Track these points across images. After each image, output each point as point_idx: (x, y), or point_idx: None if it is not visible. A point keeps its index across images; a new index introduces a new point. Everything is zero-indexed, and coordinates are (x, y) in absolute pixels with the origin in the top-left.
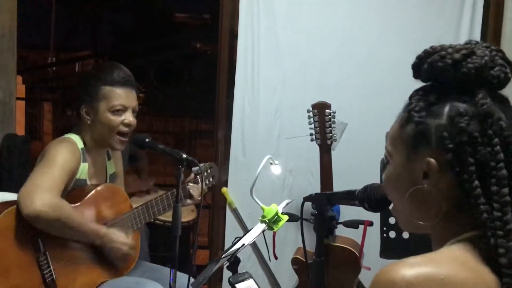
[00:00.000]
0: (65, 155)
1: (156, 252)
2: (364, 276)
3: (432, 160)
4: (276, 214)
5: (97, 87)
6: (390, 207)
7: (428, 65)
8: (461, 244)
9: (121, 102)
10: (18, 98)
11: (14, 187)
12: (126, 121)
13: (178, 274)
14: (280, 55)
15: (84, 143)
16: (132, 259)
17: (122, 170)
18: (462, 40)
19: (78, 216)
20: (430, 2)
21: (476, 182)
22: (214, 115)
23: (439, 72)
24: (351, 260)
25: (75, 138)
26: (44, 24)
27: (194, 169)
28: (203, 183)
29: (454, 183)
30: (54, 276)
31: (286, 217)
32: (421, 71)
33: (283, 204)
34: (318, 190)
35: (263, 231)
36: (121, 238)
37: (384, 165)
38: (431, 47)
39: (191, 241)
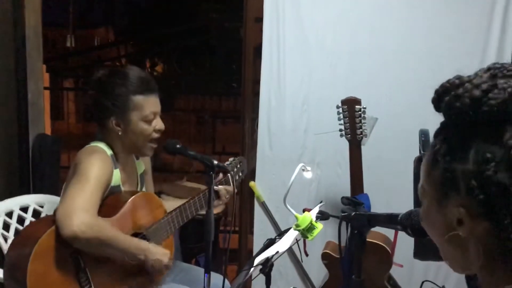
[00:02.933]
0: (97, 168)
1: (187, 243)
2: (396, 271)
3: (462, 209)
4: (310, 222)
5: (127, 97)
6: None
7: (446, 105)
8: None
9: (152, 110)
10: (44, 88)
11: (46, 188)
12: (157, 127)
13: (212, 275)
14: (306, 47)
15: (113, 150)
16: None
17: (150, 166)
18: (494, 32)
19: (117, 234)
20: None
21: None
22: (240, 103)
23: (457, 113)
24: (383, 256)
25: (103, 145)
26: (62, 1)
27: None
28: (233, 177)
29: (491, 232)
30: None
31: (320, 226)
32: (440, 109)
33: (316, 209)
34: (347, 182)
35: (297, 241)
36: (162, 250)
37: (418, 164)
38: (448, 82)
39: (221, 227)
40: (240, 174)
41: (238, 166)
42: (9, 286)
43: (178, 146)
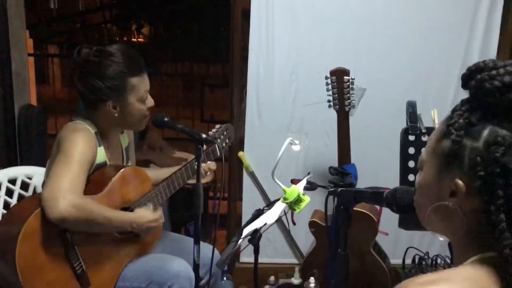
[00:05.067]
0: (81, 146)
1: (176, 212)
2: (382, 239)
3: (460, 182)
4: (298, 196)
5: (124, 80)
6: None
7: (477, 82)
8: (478, 264)
9: (146, 89)
10: (28, 54)
11: (34, 160)
12: (149, 105)
13: (202, 244)
14: (295, 16)
15: (99, 127)
16: (157, 233)
17: (133, 137)
18: (483, 2)
19: (103, 211)
20: None
21: (502, 216)
22: (229, 77)
23: (485, 93)
24: (369, 224)
25: (87, 124)
26: None
27: (209, 134)
28: (221, 146)
29: (480, 208)
30: (84, 267)
31: (308, 199)
32: (469, 85)
33: (303, 182)
34: (335, 153)
35: (285, 213)
36: (149, 217)
37: (405, 135)
38: (483, 62)
39: (210, 193)
40: (227, 141)
41: (225, 133)
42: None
43: (166, 119)
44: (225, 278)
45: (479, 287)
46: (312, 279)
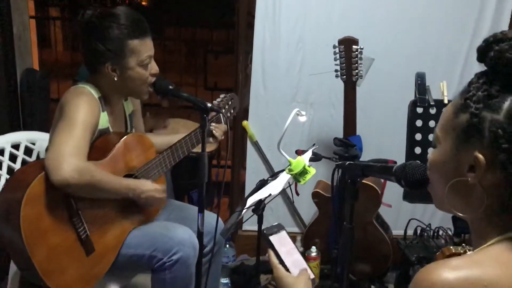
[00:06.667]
0: (84, 111)
1: (180, 180)
2: (384, 210)
3: (480, 156)
4: (304, 167)
5: (123, 42)
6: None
7: (496, 52)
8: (506, 244)
9: (148, 54)
10: (29, 17)
11: (37, 124)
12: (153, 71)
13: (206, 213)
14: None
15: (102, 92)
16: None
17: (139, 105)
18: None
19: (106, 176)
20: None
21: None
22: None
23: (506, 63)
24: (373, 196)
25: (90, 88)
26: None
27: (214, 103)
28: (226, 115)
29: (503, 182)
30: (87, 232)
31: (313, 171)
32: (486, 57)
33: (309, 153)
34: (340, 124)
35: (289, 185)
36: (151, 186)
37: (413, 107)
38: (502, 33)
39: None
40: (232, 111)
41: (230, 103)
42: (4, 232)
43: (171, 87)
44: (227, 245)
45: (510, 268)
46: (313, 248)
